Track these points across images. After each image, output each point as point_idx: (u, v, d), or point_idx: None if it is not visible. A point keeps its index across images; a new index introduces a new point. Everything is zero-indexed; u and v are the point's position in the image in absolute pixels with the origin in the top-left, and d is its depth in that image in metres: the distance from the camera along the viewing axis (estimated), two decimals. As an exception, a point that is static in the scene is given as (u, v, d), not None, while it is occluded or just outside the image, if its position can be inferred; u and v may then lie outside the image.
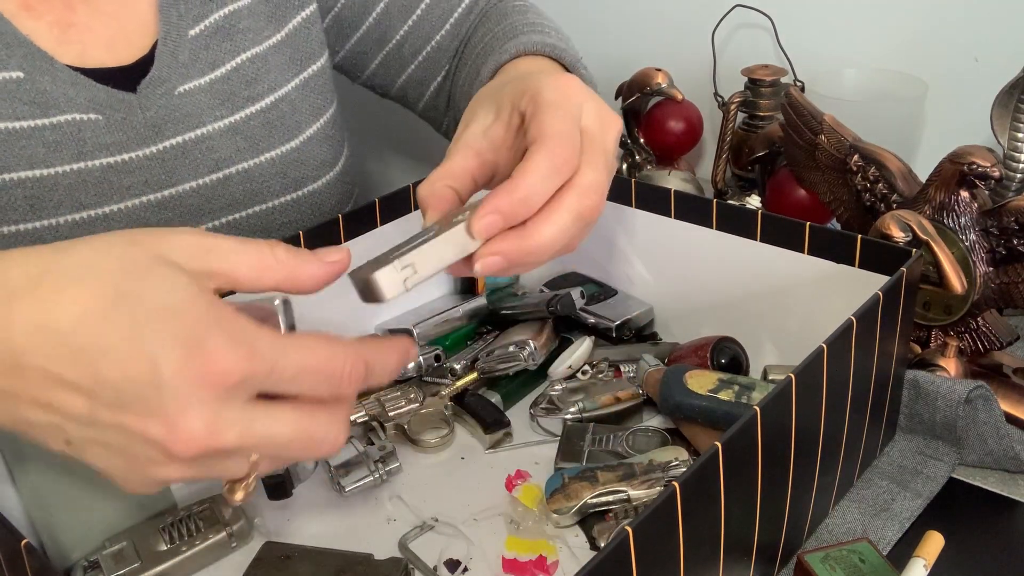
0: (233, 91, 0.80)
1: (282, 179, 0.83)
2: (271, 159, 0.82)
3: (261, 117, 0.81)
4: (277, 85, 0.82)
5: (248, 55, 0.81)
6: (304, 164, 0.84)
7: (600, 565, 0.41)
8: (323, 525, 0.64)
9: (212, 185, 0.79)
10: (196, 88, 0.78)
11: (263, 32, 0.82)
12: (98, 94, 0.73)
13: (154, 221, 0.76)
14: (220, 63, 0.79)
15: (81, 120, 0.73)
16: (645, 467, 0.62)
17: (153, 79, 0.76)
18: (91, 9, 0.75)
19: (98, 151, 0.74)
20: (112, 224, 0.74)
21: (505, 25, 0.85)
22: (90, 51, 0.75)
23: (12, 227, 0.71)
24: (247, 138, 0.80)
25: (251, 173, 0.81)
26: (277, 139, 0.82)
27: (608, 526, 0.61)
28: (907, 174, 0.78)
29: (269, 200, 0.82)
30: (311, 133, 0.85)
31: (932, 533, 0.55)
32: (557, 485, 0.62)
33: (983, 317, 0.73)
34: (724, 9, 1.11)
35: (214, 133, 0.79)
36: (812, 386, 0.54)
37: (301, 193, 0.85)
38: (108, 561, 0.58)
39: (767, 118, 1.03)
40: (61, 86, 0.72)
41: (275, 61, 0.82)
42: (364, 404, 0.73)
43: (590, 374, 0.75)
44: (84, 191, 0.73)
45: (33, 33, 0.72)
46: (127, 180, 0.75)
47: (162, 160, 0.76)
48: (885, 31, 1.06)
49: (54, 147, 0.72)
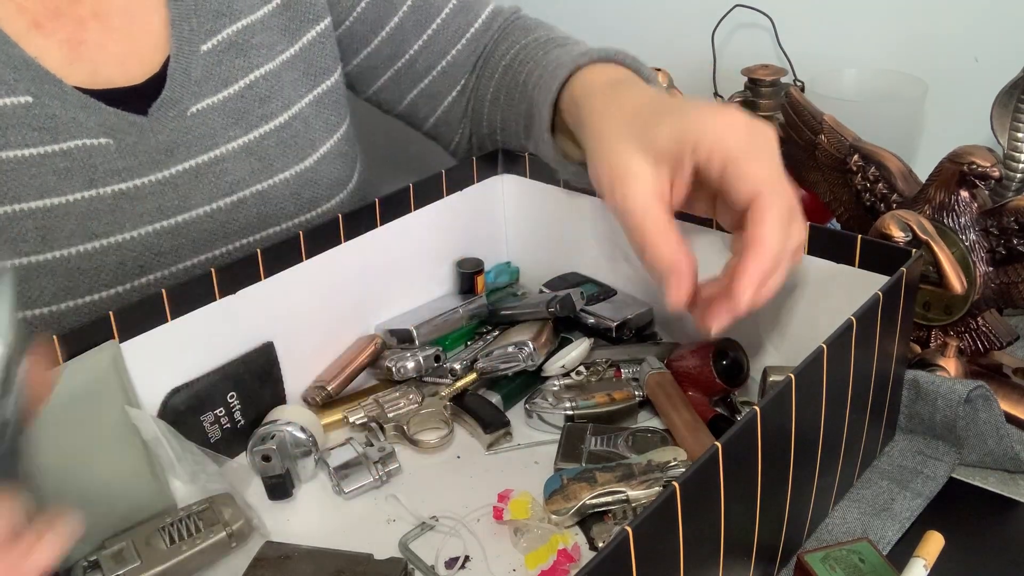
0: (247, 109, 0.78)
1: (296, 200, 0.82)
2: (285, 180, 0.81)
3: (275, 136, 0.80)
4: (291, 102, 0.81)
5: (262, 72, 0.79)
6: (318, 184, 0.83)
7: (600, 565, 0.41)
8: (323, 525, 0.64)
9: (226, 209, 0.78)
10: (209, 107, 0.76)
11: (276, 47, 0.80)
12: (108, 118, 0.72)
13: (167, 248, 0.75)
14: (233, 80, 0.78)
15: (92, 145, 0.71)
16: (644, 467, 0.62)
17: (165, 100, 0.74)
18: (102, 26, 0.74)
19: (109, 177, 0.72)
20: (124, 253, 0.73)
21: (540, 35, 0.84)
22: (101, 69, 0.73)
23: (24, 259, 0.69)
24: (261, 159, 0.79)
25: (265, 195, 0.79)
26: (291, 158, 0.81)
27: (607, 527, 0.61)
28: (907, 174, 0.77)
29: (282, 222, 0.81)
30: (325, 151, 0.84)
31: (932, 533, 0.55)
32: (556, 486, 0.62)
33: (983, 317, 0.73)
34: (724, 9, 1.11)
35: (228, 155, 0.77)
36: (812, 386, 0.54)
37: (315, 214, 0.83)
38: (108, 561, 0.58)
39: (767, 118, 1.03)
40: (71, 110, 0.70)
41: (288, 77, 0.81)
42: (363, 405, 0.73)
43: (585, 375, 0.75)
44: (96, 219, 0.71)
45: (43, 52, 0.71)
46: (139, 207, 0.73)
47: (175, 185, 0.75)
48: (885, 31, 1.06)
49: (65, 174, 0.70)
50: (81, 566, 0.58)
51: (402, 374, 0.74)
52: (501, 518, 0.62)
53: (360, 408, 0.73)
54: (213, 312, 0.66)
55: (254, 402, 0.70)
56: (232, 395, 0.68)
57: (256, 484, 0.67)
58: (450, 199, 0.81)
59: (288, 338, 0.71)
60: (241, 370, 0.69)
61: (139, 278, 0.74)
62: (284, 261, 0.69)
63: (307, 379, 0.74)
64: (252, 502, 0.65)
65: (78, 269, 0.71)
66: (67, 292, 0.71)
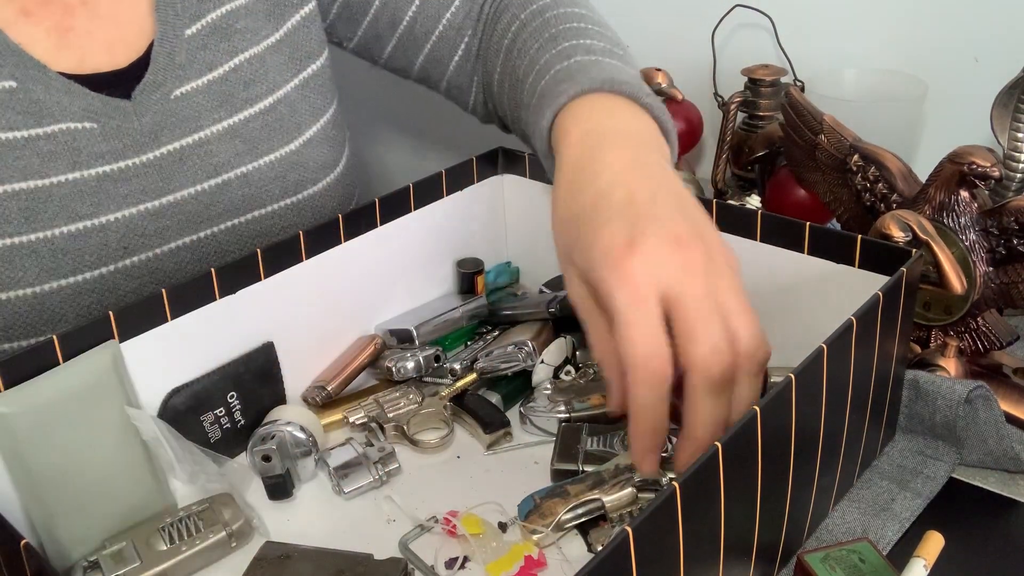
0: (231, 92, 0.79)
1: (281, 183, 0.82)
2: (270, 162, 0.81)
3: (260, 119, 0.81)
4: (276, 86, 0.82)
5: (246, 55, 0.80)
6: (304, 167, 0.84)
7: (600, 565, 0.41)
8: (323, 525, 0.64)
9: (210, 191, 0.78)
10: (193, 90, 0.77)
11: (261, 31, 0.81)
12: (92, 102, 0.73)
13: (151, 230, 0.76)
14: (217, 64, 0.79)
15: (76, 129, 0.72)
16: (612, 472, 0.62)
17: (148, 83, 0.75)
18: (90, 12, 0.75)
19: (93, 160, 0.73)
20: (108, 234, 0.74)
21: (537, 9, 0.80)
22: (89, 56, 0.74)
23: (7, 240, 0.70)
24: (246, 141, 0.80)
25: (250, 177, 0.80)
26: (276, 141, 0.82)
27: (604, 531, 0.61)
28: (907, 174, 0.77)
29: (268, 205, 0.82)
30: (311, 135, 0.85)
31: (932, 533, 0.55)
32: (530, 507, 0.62)
33: (983, 317, 0.73)
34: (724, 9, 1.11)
35: (212, 137, 0.78)
36: (812, 386, 0.54)
37: (301, 197, 0.84)
38: (108, 561, 0.58)
39: (767, 118, 1.03)
40: (55, 95, 0.72)
41: (273, 61, 0.82)
42: (363, 405, 0.73)
43: (574, 376, 0.75)
44: (80, 201, 0.72)
45: (31, 39, 0.72)
46: (124, 188, 0.74)
47: (159, 167, 0.76)
48: (885, 31, 1.06)
49: (49, 157, 0.71)
50: (81, 566, 0.58)
51: (402, 374, 0.74)
52: (455, 534, 0.61)
53: (360, 408, 0.73)
54: (213, 312, 0.66)
55: (254, 402, 0.70)
56: (232, 395, 0.68)
57: (256, 484, 0.67)
58: (450, 199, 0.81)
59: (288, 338, 0.71)
60: (241, 370, 0.69)
61: (123, 259, 0.75)
62: (284, 261, 0.69)
63: (307, 379, 0.74)
64: (252, 502, 0.65)
65: (62, 250, 0.72)
66: (51, 273, 0.72)
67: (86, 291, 0.73)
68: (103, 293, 0.74)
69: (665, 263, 0.53)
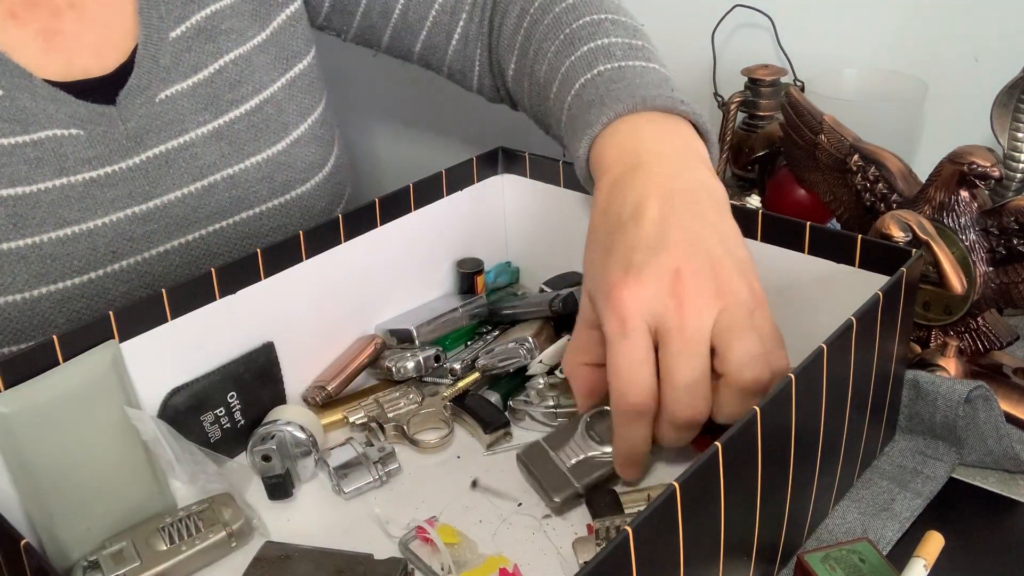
0: (216, 94, 0.79)
1: (269, 183, 0.82)
2: (257, 163, 0.81)
3: (246, 120, 0.81)
4: (262, 86, 0.82)
5: (231, 56, 0.80)
6: (291, 167, 0.83)
7: (600, 565, 0.41)
8: (323, 525, 0.64)
9: (197, 194, 0.78)
10: (178, 93, 0.77)
11: (247, 32, 0.81)
12: (78, 110, 0.73)
13: (139, 234, 0.76)
14: (203, 66, 0.78)
15: (62, 136, 0.72)
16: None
17: (132, 87, 0.75)
18: (78, 15, 0.75)
19: (80, 166, 0.73)
20: (96, 239, 0.74)
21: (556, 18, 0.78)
22: (76, 60, 0.74)
23: None
24: (231, 143, 0.80)
25: (236, 179, 0.80)
26: (263, 142, 0.82)
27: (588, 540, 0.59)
28: (907, 174, 0.77)
29: (256, 206, 0.82)
30: (298, 135, 0.84)
31: (932, 533, 0.55)
32: None
33: (983, 317, 0.73)
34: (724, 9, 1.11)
35: (197, 139, 0.78)
36: (812, 386, 0.54)
37: (289, 197, 0.84)
38: (108, 561, 0.58)
39: (767, 118, 1.03)
40: (41, 102, 0.72)
41: (259, 62, 0.82)
42: (363, 405, 0.73)
43: None
44: (67, 207, 0.72)
45: (19, 43, 0.72)
46: (110, 193, 0.74)
47: (145, 171, 0.76)
48: (885, 31, 1.06)
49: (36, 164, 0.71)
50: (81, 566, 0.58)
51: (402, 374, 0.74)
52: (431, 543, 0.60)
53: (360, 408, 0.73)
54: (213, 312, 0.66)
55: (254, 402, 0.70)
56: (232, 395, 0.68)
57: (256, 484, 0.67)
58: (450, 199, 0.81)
59: (288, 338, 0.71)
60: (241, 370, 0.69)
61: (112, 264, 0.75)
62: (284, 261, 0.69)
63: (307, 379, 0.74)
64: (252, 502, 0.65)
65: (50, 256, 0.72)
66: (40, 278, 0.72)
67: (75, 296, 0.73)
68: (92, 298, 0.74)
69: (658, 296, 0.54)
